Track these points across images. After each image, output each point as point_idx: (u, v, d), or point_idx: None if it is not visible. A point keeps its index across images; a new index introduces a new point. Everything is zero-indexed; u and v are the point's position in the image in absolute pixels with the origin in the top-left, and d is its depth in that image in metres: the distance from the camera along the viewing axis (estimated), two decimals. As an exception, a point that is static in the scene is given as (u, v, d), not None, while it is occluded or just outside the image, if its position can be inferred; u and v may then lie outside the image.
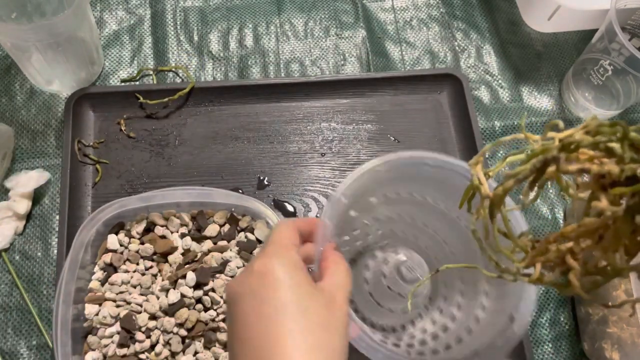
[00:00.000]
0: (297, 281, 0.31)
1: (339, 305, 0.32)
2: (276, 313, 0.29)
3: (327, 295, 0.33)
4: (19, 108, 0.66)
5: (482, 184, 0.33)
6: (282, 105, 0.69)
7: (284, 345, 0.28)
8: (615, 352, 0.54)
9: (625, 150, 0.27)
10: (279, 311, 0.30)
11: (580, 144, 0.29)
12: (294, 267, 0.32)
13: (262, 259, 0.33)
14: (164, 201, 0.56)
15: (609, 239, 0.29)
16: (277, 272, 0.31)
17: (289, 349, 0.28)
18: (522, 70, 0.74)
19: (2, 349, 0.56)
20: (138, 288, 0.56)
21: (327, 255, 0.38)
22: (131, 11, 0.74)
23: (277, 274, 0.31)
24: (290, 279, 0.31)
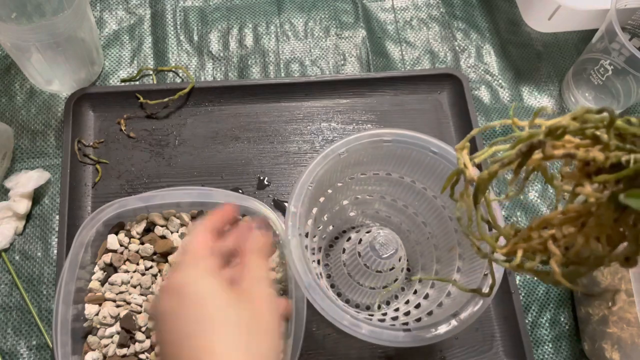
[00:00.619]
0: (212, 292, 0.30)
1: (259, 302, 0.31)
2: (198, 330, 0.29)
3: (246, 296, 0.32)
4: (19, 108, 0.66)
5: (467, 167, 0.33)
6: (282, 105, 0.69)
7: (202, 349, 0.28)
8: (615, 352, 0.54)
9: (611, 138, 0.27)
10: (201, 328, 0.29)
11: (566, 129, 0.28)
12: (210, 277, 0.32)
13: (178, 274, 0.32)
14: (164, 201, 0.56)
15: (592, 226, 0.29)
16: (192, 286, 0.31)
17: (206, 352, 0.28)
18: (522, 70, 0.74)
19: (2, 349, 0.56)
20: (138, 288, 0.56)
21: (244, 246, 0.36)
22: (131, 11, 0.74)
23: (193, 288, 0.31)
24: (207, 291, 0.30)
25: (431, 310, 0.51)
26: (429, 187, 0.56)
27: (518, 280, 0.63)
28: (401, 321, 0.53)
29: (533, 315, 0.62)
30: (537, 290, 0.63)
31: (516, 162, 0.30)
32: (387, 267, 0.53)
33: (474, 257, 0.51)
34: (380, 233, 0.53)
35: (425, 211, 0.58)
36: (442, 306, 0.51)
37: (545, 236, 0.31)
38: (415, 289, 0.58)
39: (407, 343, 0.45)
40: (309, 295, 0.44)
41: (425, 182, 0.55)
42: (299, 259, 0.45)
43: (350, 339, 0.44)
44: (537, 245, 0.31)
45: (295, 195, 0.47)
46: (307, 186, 0.48)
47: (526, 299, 0.62)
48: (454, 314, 0.46)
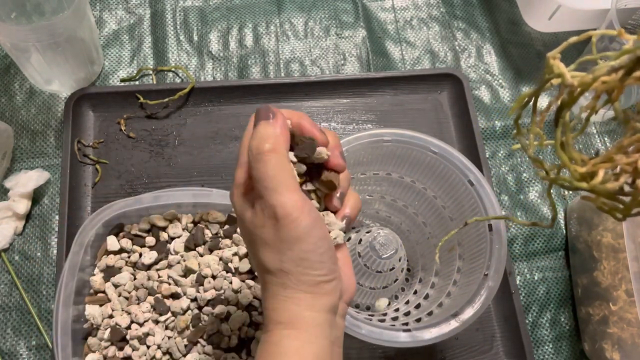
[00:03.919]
0: (239, 216, 0.35)
1: (282, 222, 0.32)
2: (246, 241, 0.36)
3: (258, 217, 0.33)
4: (19, 108, 0.66)
5: (564, 73, 0.30)
6: (282, 105, 0.68)
7: (259, 258, 0.34)
8: (615, 352, 0.54)
9: None
10: (245, 240, 0.36)
11: None
12: (240, 200, 0.35)
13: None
14: (164, 202, 0.56)
15: None
16: (234, 208, 0.35)
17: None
18: (523, 70, 0.74)
19: (2, 349, 0.56)
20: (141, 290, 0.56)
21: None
22: (131, 11, 0.73)
23: (235, 210, 0.35)
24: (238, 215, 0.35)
25: (431, 311, 0.51)
26: (429, 187, 0.55)
27: (518, 281, 0.63)
28: (401, 321, 0.53)
29: (533, 315, 0.62)
30: (537, 291, 0.63)
31: (623, 72, 0.28)
32: (387, 267, 0.53)
33: (474, 257, 0.51)
34: (380, 233, 0.53)
35: (425, 211, 0.58)
36: (442, 306, 0.51)
37: (636, 156, 0.29)
38: (416, 289, 0.58)
39: (407, 343, 0.45)
40: None
41: (425, 182, 0.55)
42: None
43: (350, 339, 0.44)
44: (626, 165, 0.29)
45: None
46: None
47: (526, 299, 0.62)
48: (454, 314, 0.46)
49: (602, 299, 0.56)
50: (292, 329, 0.33)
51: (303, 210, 0.32)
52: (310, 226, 0.32)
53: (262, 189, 0.32)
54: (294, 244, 0.32)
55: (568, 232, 0.65)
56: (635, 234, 0.52)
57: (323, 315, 0.33)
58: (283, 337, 0.33)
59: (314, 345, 0.33)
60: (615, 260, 0.55)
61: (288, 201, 0.31)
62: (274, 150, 0.32)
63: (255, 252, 0.34)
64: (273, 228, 0.32)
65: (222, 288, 0.56)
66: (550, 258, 0.64)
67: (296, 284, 0.33)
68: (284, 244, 0.32)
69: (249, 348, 0.54)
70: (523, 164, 0.69)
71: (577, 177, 0.32)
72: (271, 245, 0.33)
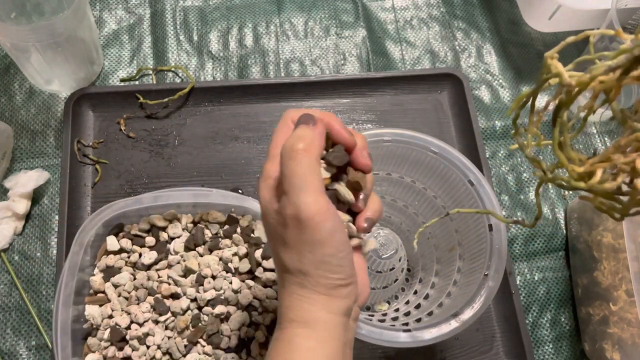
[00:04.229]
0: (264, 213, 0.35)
1: (305, 223, 0.32)
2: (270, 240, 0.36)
3: (281, 216, 0.34)
4: (19, 108, 0.66)
5: (561, 72, 0.30)
6: (282, 105, 0.68)
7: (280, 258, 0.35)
8: (615, 352, 0.54)
9: None
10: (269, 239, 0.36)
11: None
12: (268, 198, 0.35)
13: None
14: (164, 202, 0.56)
15: None
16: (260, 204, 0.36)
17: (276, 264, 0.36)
18: (523, 69, 0.74)
19: (2, 349, 0.56)
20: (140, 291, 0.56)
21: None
22: (131, 11, 0.73)
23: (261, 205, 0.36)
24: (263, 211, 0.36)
25: (431, 311, 0.51)
26: (429, 187, 0.55)
27: (518, 281, 0.63)
28: (401, 321, 0.52)
29: (533, 315, 0.62)
30: (537, 291, 0.63)
31: (620, 71, 0.28)
32: (387, 267, 0.53)
33: (474, 257, 0.51)
34: (380, 233, 0.53)
35: (425, 211, 0.58)
36: (442, 306, 0.51)
37: (634, 155, 0.29)
38: (416, 289, 0.58)
39: (407, 344, 0.45)
40: None
41: (425, 182, 0.55)
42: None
43: (350, 339, 0.43)
44: (623, 164, 0.29)
45: None
46: None
47: (526, 300, 0.62)
48: (454, 315, 0.46)
49: (603, 299, 0.56)
50: (306, 328, 0.33)
51: (327, 214, 0.32)
52: (332, 230, 0.32)
53: (289, 186, 0.32)
54: (315, 247, 0.32)
55: (568, 232, 0.65)
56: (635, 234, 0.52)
57: (337, 318, 0.33)
58: (296, 335, 0.33)
59: (327, 346, 0.33)
60: (616, 261, 0.55)
61: (312, 202, 0.32)
62: (307, 151, 0.33)
63: (276, 249, 0.35)
64: (296, 229, 0.32)
65: (222, 288, 0.56)
66: (551, 258, 0.64)
67: (314, 286, 0.33)
68: (305, 245, 0.32)
69: (249, 348, 0.54)
70: (523, 164, 0.69)
71: (575, 177, 0.32)
72: (292, 246, 0.33)
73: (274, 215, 0.34)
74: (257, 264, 0.57)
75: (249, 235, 0.58)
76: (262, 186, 0.35)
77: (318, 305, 0.33)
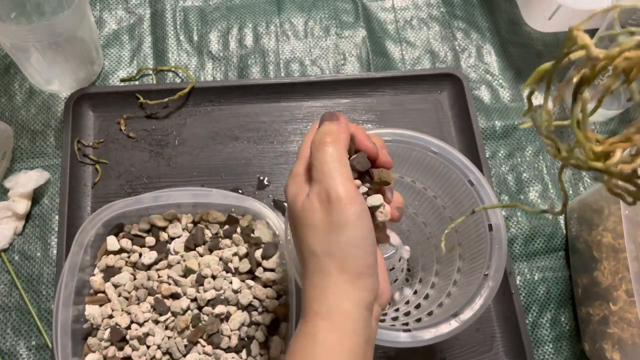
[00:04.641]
0: (292, 204, 0.36)
1: (334, 204, 0.34)
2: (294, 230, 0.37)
3: (311, 202, 0.35)
4: (19, 108, 0.66)
5: (588, 45, 0.29)
6: (282, 105, 0.69)
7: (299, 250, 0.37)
8: (615, 352, 0.54)
9: None
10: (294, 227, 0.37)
11: None
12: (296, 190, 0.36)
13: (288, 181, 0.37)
14: (164, 202, 0.56)
15: None
16: (287, 199, 0.37)
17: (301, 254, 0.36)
18: (523, 70, 0.74)
19: (2, 349, 0.56)
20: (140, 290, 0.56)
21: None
22: (131, 11, 0.73)
23: (287, 200, 0.37)
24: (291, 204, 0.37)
25: (431, 311, 0.51)
26: (429, 187, 0.55)
27: (518, 281, 0.63)
28: (401, 321, 0.52)
29: (533, 315, 0.62)
30: (537, 291, 0.63)
31: None
32: (387, 267, 0.53)
33: (474, 257, 0.51)
34: None
35: (426, 211, 0.58)
36: (443, 306, 0.51)
37: None
38: (416, 289, 0.58)
39: (407, 343, 0.45)
40: None
41: (425, 182, 0.55)
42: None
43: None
44: None
45: None
46: None
47: (526, 299, 0.62)
48: (454, 315, 0.46)
49: (602, 299, 0.56)
50: (330, 321, 0.34)
51: (356, 198, 0.34)
52: (360, 213, 0.34)
53: (319, 174, 0.34)
54: (343, 228, 0.34)
55: (568, 232, 0.65)
56: (635, 234, 0.52)
57: (360, 311, 0.34)
58: (320, 329, 0.34)
59: (349, 341, 0.33)
60: (616, 261, 0.55)
61: (341, 186, 0.34)
62: (334, 143, 0.35)
63: (302, 236, 0.35)
64: (325, 212, 0.34)
65: (222, 288, 0.56)
66: (551, 258, 0.64)
67: (339, 271, 0.34)
68: (333, 227, 0.34)
69: (249, 348, 0.54)
70: (523, 164, 0.69)
71: (592, 157, 0.30)
72: (320, 228, 0.34)
73: (301, 205, 0.35)
74: (257, 264, 0.57)
75: (249, 235, 0.58)
76: (290, 182, 0.37)
77: (342, 295, 0.34)
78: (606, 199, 0.57)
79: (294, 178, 0.37)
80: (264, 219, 0.57)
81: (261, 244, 0.57)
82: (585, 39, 0.29)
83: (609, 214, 0.56)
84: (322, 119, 0.38)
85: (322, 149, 0.35)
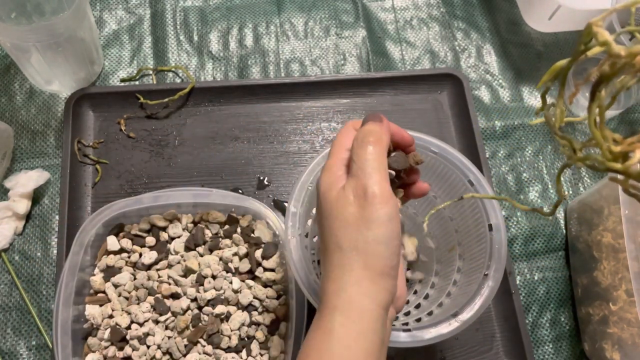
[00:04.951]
0: (326, 196, 0.37)
1: (358, 200, 0.35)
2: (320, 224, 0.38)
3: (347, 195, 0.35)
4: (19, 108, 0.66)
5: (609, 41, 0.28)
6: (282, 105, 0.69)
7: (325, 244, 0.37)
8: (615, 352, 0.54)
9: None
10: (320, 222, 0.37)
11: None
12: (331, 182, 0.37)
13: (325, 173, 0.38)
14: (164, 202, 0.56)
15: None
16: (320, 190, 0.37)
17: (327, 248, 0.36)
18: (523, 70, 0.74)
19: (2, 349, 0.56)
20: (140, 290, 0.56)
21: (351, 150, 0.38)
22: (131, 11, 0.73)
23: (320, 192, 0.37)
24: (325, 195, 0.37)
25: (431, 311, 0.51)
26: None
27: (518, 281, 0.63)
28: (401, 321, 0.53)
29: (533, 315, 0.62)
30: (537, 291, 0.63)
31: None
32: None
33: (474, 257, 0.51)
34: None
35: (425, 211, 0.58)
36: (442, 306, 0.51)
37: None
38: (415, 289, 0.58)
39: (407, 343, 0.45)
40: (309, 295, 0.44)
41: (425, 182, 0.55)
42: (299, 260, 0.45)
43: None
44: None
45: (295, 195, 0.47)
46: (307, 186, 0.48)
47: (526, 299, 0.62)
48: (454, 314, 0.46)
49: (602, 299, 0.56)
50: (348, 317, 0.34)
51: (390, 199, 0.35)
52: (392, 215, 0.35)
53: (358, 170, 0.35)
54: (374, 225, 0.34)
55: (568, 232, 0.65)
56: (635, 234, 0.52)
57: (379, 310, 0.34)
58: (337, 324, 0.34)
59: (367, 339, 0.34)
60: (615, 260, 0.55)
61: (378, 185, 0.35)
62: (376, 143, 0.36)
63: (331, 228, 0.36)
64: (359, 207, 0.34)
65: (222, 288, 0.56)
66: (550, 258, 0.64)
67: (363, 267, 0.34)
68: (365, 222, 0.34)
69: (249, 348, 0.54)
70: (523, 164, 0.69)
71: (609, 157, 0.30)
72: (351, 222, 0.35)
73: (334, 199, 0.36)
74: (257, 264, 0.57)
75: (249, 235, 0.58)
76: (323, 175, 0.38)
77: (363, 291, 0.34)
78: (606, 198, 0.57)
79: (329, 170, 0.38)
80: (264, 219, 0.57)
81: (261, 244, 0.58)
82: (606, 35, 0.28)
83: (609, 214, 0.56)
84: (366, 118, 0.39)
85: (365, 147, 0.36)
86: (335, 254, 0.35)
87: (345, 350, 0.33)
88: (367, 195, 0.34)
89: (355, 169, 0.36)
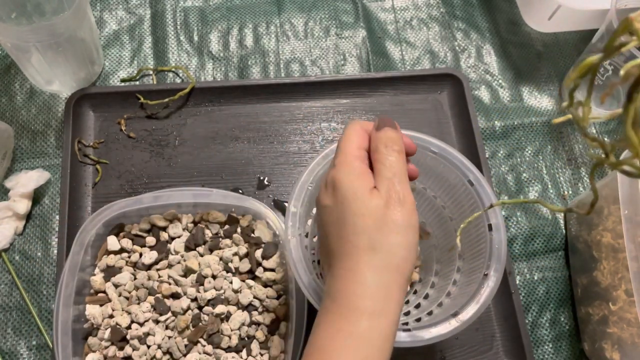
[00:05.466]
0: (354, 191, 0.37)
1: (393, 203, 0.36)
2: (340, 221, 0.37)
3: (382, 196, 0.36)
4: (19, 108, 0.66)
5: None
6: (282, 105, 0.69)
7: (347, 243, 0.37)
8: (615, 352, 0.54)
9: None
10: (342, 220, 0.37)
11: None
12: (356, 177, 0.37)
13: (333, 171, 0.38)
14: (164, 202, 0.56)
15: None
16: (342, 186, 0.37)
17: (349, 248, 0.36)
18: (523, 70, 0.74)
19: (2, 349, 0.56)
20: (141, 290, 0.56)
21: (373, 150, 0.39)
22: (131, 11, 0.74)
23: (342, 187, 0.37)
24: (351, 190, 0.37)
25: (431, 310, 0.51)
26: (429, 187, 0.56)
27: (518, 281, 0.63)
28: (401, 321, 0.53)
29: (533, 315, 0.62)
30: (537, 291, 0.63)
31: None
32: None
33: (474, 257, 0.51)
34: None
35: (426, 211, 0.58)
36: (442, 306, 0.51)
37: None
38: (415, 289, 0.58)
39: (406, 343, 0.45)
40: (309, 295, 0.44)
41: (426, 182, 0.55)
42: (299, 259, 0.45)
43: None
44: None
45: (295, 195, 0.47)
46: (307, 186, 0.48)
47: (526, 299, 0.62)
48: (454, 314, 0.46)
49: (602, 298, 0.56)
50: (378, 323, 0.35)
51: (416, 209, 0.37)
52: (417, 223, 0.37)
53: (393, 176, 0.37)
54: (407, 231, 0.36)
55: (568, 232, 0.65)
56: (635, 234, 0.52)
57: (399, 313, 0.36)
58: (365, 328, 0.35)
59: (390, 342, 0.36)
60: (615, 260, 0.55)
61: (409, 194, 0.37)
62: (401, 152, 0.39)
63: (351, 225, 0.36)
64: (390, 209, 0.36)
65: (222, 288, 0.56)
66: (550, 258, 0.64)
67: (393, 271, 0.36)
68: (394, 226, 0.36)
69: (249, 348, 0.54)
70: (523, 164, 0.69)
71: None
72: (374, 221, 0.36)
73: (367, 193, 0.36)
74: (257, 264, 0.57)
75: (249, 235, 0.58)
76: (344, 169, 0.38)
77: (392, 296, 0.35)
78: (606, 198, 0.57)
79: (349, 165, 0.38)
80: (264, 219, 0.58)
81: (261, 243, 0.58)
82: None
83: (609, 214, 0.56)
84: (381, 122, 0.39)
85: (394, 154, 0.38)
86: (354, 255, 0.36)
87: (378, 352, 0.35)
88: (403, 202, 0.36)
89: (386, 172, 0.37)
